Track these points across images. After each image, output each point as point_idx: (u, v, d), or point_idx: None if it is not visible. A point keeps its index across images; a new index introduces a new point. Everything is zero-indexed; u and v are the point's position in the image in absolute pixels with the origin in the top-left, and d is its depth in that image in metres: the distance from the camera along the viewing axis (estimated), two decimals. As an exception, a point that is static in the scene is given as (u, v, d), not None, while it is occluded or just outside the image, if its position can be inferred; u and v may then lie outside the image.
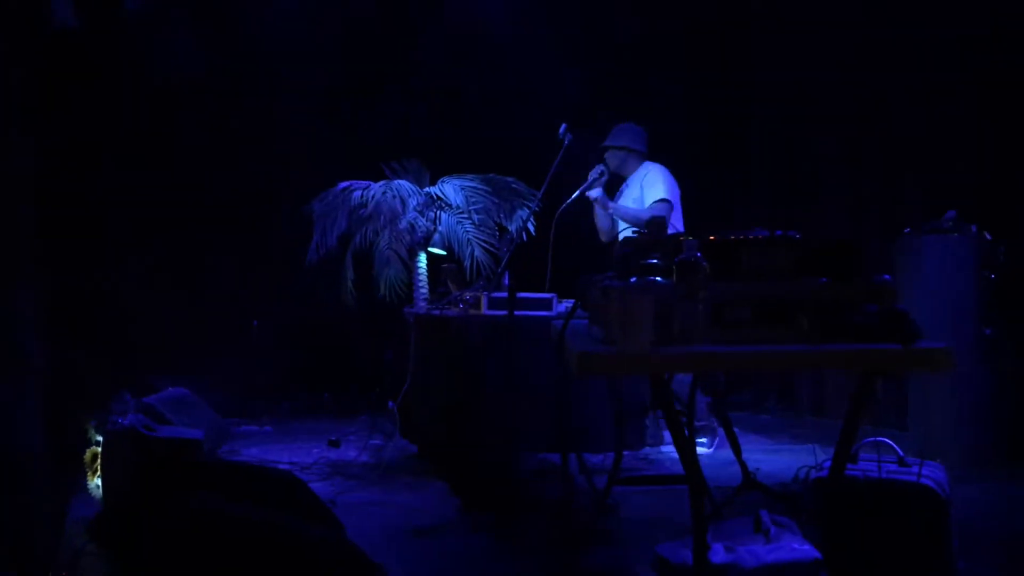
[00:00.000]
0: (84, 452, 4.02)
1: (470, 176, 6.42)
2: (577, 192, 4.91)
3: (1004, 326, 4.75)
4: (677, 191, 5.22)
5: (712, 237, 2.50)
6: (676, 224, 5.12)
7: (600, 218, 5.31)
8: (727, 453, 3.89)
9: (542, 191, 4.44)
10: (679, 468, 2.71)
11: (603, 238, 5.36)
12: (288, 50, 6.86)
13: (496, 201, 6.34)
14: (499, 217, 6.34)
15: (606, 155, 5.24)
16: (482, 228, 6.30)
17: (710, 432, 5.15)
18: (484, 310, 4.41)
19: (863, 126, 6.18)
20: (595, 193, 5.07)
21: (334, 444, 5.51)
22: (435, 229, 6.34)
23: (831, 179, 6.48)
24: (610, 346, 2.35)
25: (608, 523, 3.79)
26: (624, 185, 5.36)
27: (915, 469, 2.90)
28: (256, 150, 6.97)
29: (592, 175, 5.02)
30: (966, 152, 5.48)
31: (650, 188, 5.13)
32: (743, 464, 3.74)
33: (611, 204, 5.16)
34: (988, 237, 4.72)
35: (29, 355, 2.89)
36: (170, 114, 6.62)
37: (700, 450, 4.95)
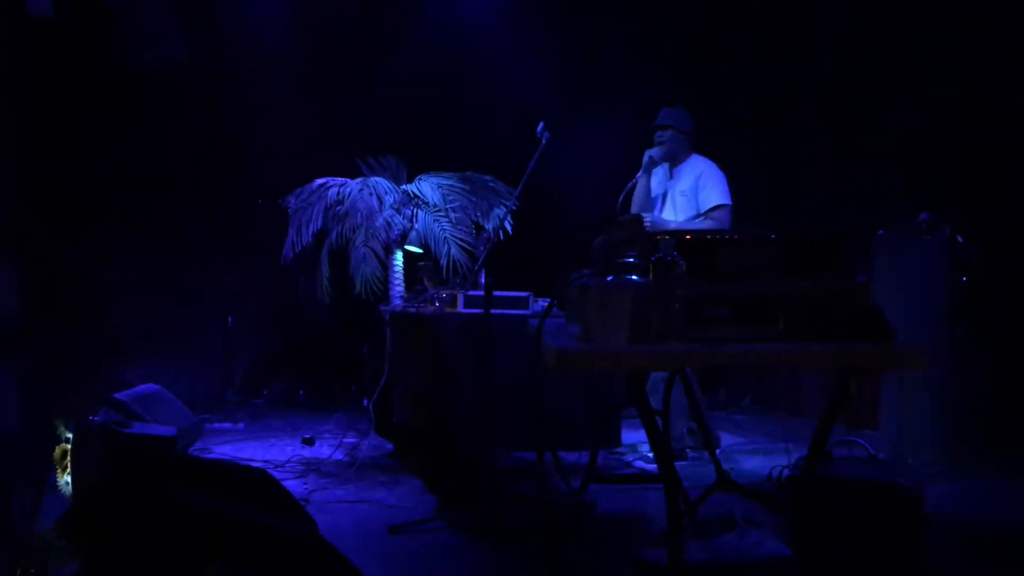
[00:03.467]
0: (54, 449, 3.98)
1: (447, 174, 6.40)
2: (639, 174, 4.79)
3: (975, 326, 4.80)
4: None
5: (688, 236, 2.51)
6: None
7: (639, 201, 4.88)
8: (702, 452, 3.90)
9: (519, 189, 4.40)
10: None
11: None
12: (267, 44, 6.83)
13: (473, 199, 6.32)
14: (476, 215, 6.33)
15: (662, 137, 4.86)
16: (459, 226, 6.27)
17: (680, 456, 4.68)
18: (460, 308, 4.40)
19: (850, 117, 6.21)
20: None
21: (308, 442, 5.49)
22: (412, 227, 6.32)
23: (818, 170, 6.52)
24: (587, 344, 2.36)
25: (584, 520, 3.80)
26: (667, 177, 4.95)
27: (886, 468, 2.93)
28: (234, 144, 6.94)
29: (654, 155, 4.83)
30: (951, 148, 5.54)
31: (711, 189, 4.75)
32: (717, 463, 3.75)
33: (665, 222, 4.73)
34: (960, 240, 4.77)
35: (11, 339, 2.86)
36: (148, 105, 6.56)
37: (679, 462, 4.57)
